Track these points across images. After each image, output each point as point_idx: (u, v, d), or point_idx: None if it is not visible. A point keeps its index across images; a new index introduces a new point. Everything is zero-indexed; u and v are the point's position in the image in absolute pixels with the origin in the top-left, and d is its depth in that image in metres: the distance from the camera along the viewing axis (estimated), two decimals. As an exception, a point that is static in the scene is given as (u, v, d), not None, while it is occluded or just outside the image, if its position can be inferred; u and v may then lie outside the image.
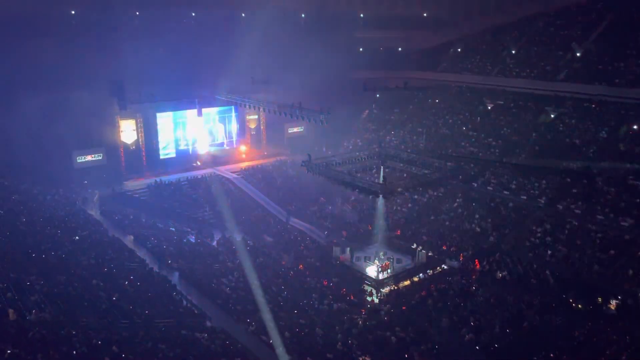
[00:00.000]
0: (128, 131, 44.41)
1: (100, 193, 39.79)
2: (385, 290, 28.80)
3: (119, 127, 43.75)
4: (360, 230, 35.73)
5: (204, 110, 48.27)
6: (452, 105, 46.57)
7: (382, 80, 49.13)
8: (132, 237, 32.77)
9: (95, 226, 32.89)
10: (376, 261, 31.01)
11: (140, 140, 44.97)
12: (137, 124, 44.62)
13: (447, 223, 34.94)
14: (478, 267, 30.09)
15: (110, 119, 42.74)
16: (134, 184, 43.03)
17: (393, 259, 31.32)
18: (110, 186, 40.73)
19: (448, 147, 41.58)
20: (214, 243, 34.20)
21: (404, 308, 25.78)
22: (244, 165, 48.04)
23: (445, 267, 31.00)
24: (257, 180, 45.23)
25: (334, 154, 37.97)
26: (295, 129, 53.51)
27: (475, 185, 37.60)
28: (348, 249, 32.35)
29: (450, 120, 45.36)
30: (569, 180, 33.69)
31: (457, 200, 36.60)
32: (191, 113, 47.69)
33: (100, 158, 42.71)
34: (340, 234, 35.17)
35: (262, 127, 53.09)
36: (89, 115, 39.80)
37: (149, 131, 45.44)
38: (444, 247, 32.44)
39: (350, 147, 47.41)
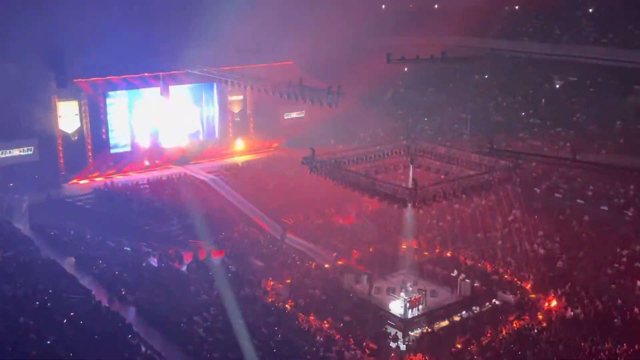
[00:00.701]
0: (69, 117, 44.76)
1: (31, 200, 39.87)
2: (416, 333, 28.69)
3: (56, 111, 44.06)
4: (381, 251, 35.73)
5: (172, 88, 48.71)
6: (507, 83, 46.51)
7: (413, 49, 49.10)
8: (73, 260, 32.84)
9: (24, 245, 32.92)
10: (403, 294, 30.89)
11: (85, 128, 45.27)
12: (80, 107, 44.97)
13: (499, 242, 34.83)
14: (542, 302, 30.02)
15: (45, 100, 43.08)
16: (77, 188, 43.28)
17: (426, 291, 31.07)
18: (44, 190, 40.92)
19: (501, 140, 41.47)
20: (184, 268, 34.21)
21: None
22: (226, 162, 48.53)
23: (498, 302, 30.87)
24: (242, 183, 45.29)
25: (346, 148, 37.99)
26: (293, 114, 53.73)
27: (538, 191, 37.57)
28: (365, 277, 32.23)
29: (505, 103, 45.33)
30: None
31: (514, 211, 36.50)
32: (153, 92, 48.12)
33: (31, 153, 43.02)
34: (354, 255, 35.17)
35: (248, 112, 53.33)
36: (15, 94, 40.13)
37: (96, 117, 45.81)
38: (495, 276, 32.39)
39: (369, 139, 47.41)
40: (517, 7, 51.15)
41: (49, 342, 23.28)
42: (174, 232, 39.73)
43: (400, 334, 28.61)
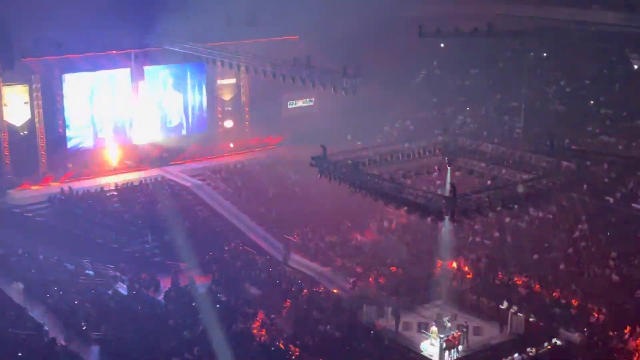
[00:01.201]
0: (16, 106, 44.84)
1: (-32, 209, 40.04)
2: (454, 382, 28.66)
3: (0, 98, 44.13)
4: (410, 276, 35.53)
5: (147, 69, 48.72)
6: (572, 63, 46.18)
7: (451, 20, 48.85)
8: (21, 286, 32.84)
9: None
10: (438, 331, 30.56)
11: (37, 120, 45.35)
12: (31, 93, 45.03)
13: (561, 266, 34.59)
14: (617, 341, 29.68)
15: (-15, 85, 43.28)
16: (26, 195, 43.24)
17: (467, 327, 30.92)
18: (-15, 198, 41.08)
19: (564, 135, 41.29)
20: (160, 297, 34.23)
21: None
22: (215, 163, 48.51)
23: (559, 342, 30.67)
24: (234, 189, 45.25)
25: (367, 145, 37.91)
26: (299, 103, 53.74)
27: (612, 201, 37.30)
28: (390, 309, 32.11)
29: (568, 89, 45.02)
30: None
31: (580, 226, 36.29)
32: (123, 74, 48.14)
33: (-31, 151, 43.34)
34: (376, 281, 35.02)
35: (243, 99, 53.37)
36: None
37: (51, 106, 45.91)
38: (557, 308, 32.07)
39: (395, 134, 47.24)
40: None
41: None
42: (148, 252, 39.72)
43: (434, 383, 28.46)
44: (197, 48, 45.38)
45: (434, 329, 30.61)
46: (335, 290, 34.98)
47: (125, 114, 48.71)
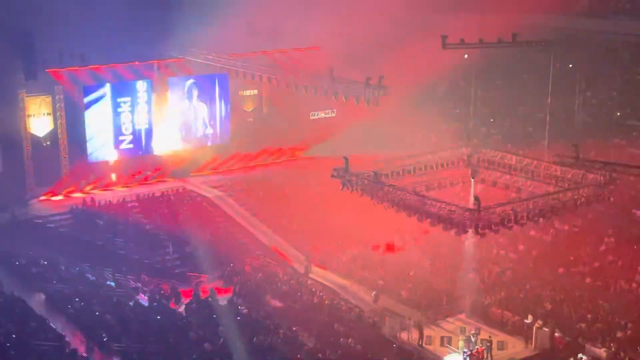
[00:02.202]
0: (39, 116, 45.31)
1: (-8, 220, 40.43)
2: (478, 397, 28.53)
3: (24, 109, 44.62)
4: (433, 289, 35.49)
5: (169, 80, 48.95)
6: (598, 74, 45.97)
7: (476, 30, 48.70)
8: (43, 297, 33.03)
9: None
10: (462, 345, 30.60)
11: (59, 131, 45.75)
12: (54, 103, 45.48)
13: (587, 280, 34.39)
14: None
15: (9, 95, 43.66)
16: (49, 206, 43.61)
17: (491, 341, 30.80)
18: (7, 209, 41.40)
19: (590, 147, 40.98)
20: (181, 309, 34.36)
21: None
22: (236, 174, 48.88)
23: (585, 357, 30.29)
24: (255, 200, 45.37)
25: (389, 157, 37.82)
26: (322, 114, 53.80)
27: (638, 214, 37.29)
28: (413, 322, 32.10)
29: (594, 100, 44.74)
30: None
31: (607, 240, 36.06)
32: (145, 85, 48.27)
33: (-7, 161, 43.77)
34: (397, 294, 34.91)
35: (264, 110, 53.62)
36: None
37: (74, 116, 46.19)
38: (582, 323, 31.86)
39: (418, 146, 47.00)
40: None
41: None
42: (169, 263, 39.90)
43: (458, 398, 28.35)
44: (219, 59, 45.61)
45: (460, 343, 30.57)
46: (358, 306, 34.84)
47: (147, 125, 48.94)
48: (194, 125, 50.81)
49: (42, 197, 44.48)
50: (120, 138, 48.13)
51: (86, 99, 46.47)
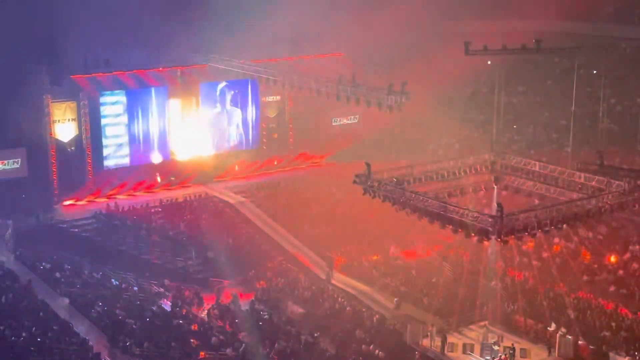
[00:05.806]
0: (64, 122, 45.64)
1: (16, 224, 40.79)
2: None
3: (50, 115, 44.97)
4: (456, 296, 35.23)
5: (192, 86, 49.01)
6: (622, 80, 45.64)
7: (499, 37, 48.62)
8: (66, 301, 33.29)
9: (6, 281, 33.63)
10: (485, 353, 30.60)
11: (84, 137, 46.05)
12: (79, 109, 45.78)
13: (612, 288, 34.23)
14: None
15: (35, 101, 43.93)
16: (73, 211, 43.98)
17: (514, 349, 30.72)
18: (32, 213, 41.81)
19: (615, 154, 40.84)
20: (203, 314, 34.52)
21: None
22: (259, 180, 48.96)
23: (609, 366, 30.39)
24: (278, 206, 45.53)
25: (411, 163, 37.87)
26: (344, 120, 53.91)
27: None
28: (435, 329, 32.03)
29: (619, 107, 44.43)
30: None
31: (631, 247, 35.90)
32: (169, 91, 48.57)
33: (18, 166, 44.03)
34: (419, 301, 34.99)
35: (287, 116, 53.81)
36: (-1, 94, 41.14)
37: (98, 122, 46.52)
38: (607, 332, 31.55)
39: (440, 153, 47.06)
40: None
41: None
42: (191, 268, 40.04)
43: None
44: (243, 65, 45.82)
45: (483, 349, 30.54)
46: (382, 313, 34.74)
47: (171, 131, 49.22)
48: (216, 131, 50.96)
49: (67, 202, 44.88)
50: (144, 143, 48.31)
51: (111, 105, 46.75)
